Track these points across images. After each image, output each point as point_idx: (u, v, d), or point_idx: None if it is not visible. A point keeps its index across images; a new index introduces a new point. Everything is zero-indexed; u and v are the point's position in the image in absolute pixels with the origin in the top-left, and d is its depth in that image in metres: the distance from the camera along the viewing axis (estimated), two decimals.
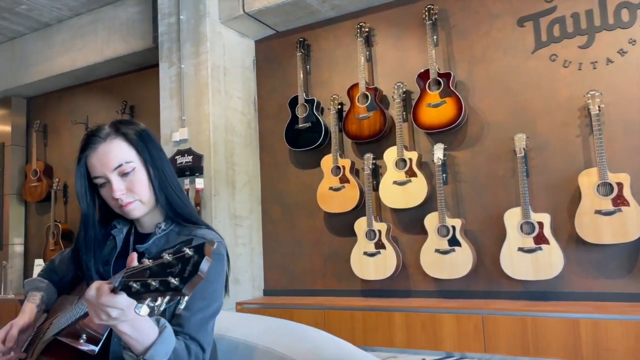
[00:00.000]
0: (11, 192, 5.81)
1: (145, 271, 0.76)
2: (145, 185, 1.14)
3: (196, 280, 0.71)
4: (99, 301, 0.80)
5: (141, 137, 1.17)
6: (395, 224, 3.83)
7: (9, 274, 5.66)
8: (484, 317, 3.17)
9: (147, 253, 1.12)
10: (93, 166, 1.13)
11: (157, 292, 0.73)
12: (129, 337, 0.88)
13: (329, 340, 1.10)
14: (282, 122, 4.26)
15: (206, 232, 1.15)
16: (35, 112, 5.97)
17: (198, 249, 0.73)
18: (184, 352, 0.97)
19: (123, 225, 1.21)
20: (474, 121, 3.65)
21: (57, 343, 0.97)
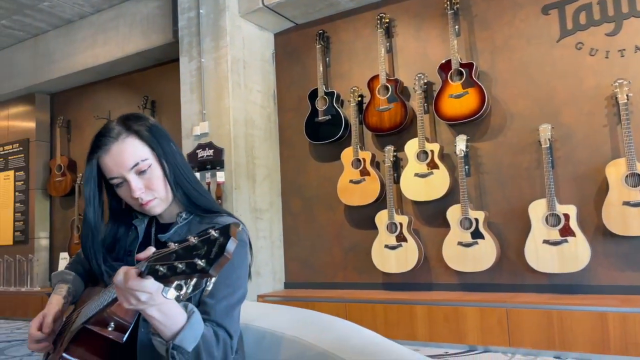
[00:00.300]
0: (36, 187, 5.92)
1: (171, 255, 0.76)
2: (162, 181, 1.13)
3: (222, 261, 0.70)
4: (127, 285, 0.80)
5: (152, 132, 1.15)
6: (417, 217, 3.80)
7: (35, 267, 5.77)
8: (508, 311, 3.12)
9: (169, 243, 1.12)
10: (108, 167, 1.10)
11: (184, 275, 0.73)
12: (157, 322, 0.88)
13: (354, 330, 1.09)
14: (302, 115, 4.25)
15: (228, 220, 1.14)
16: (58, 108, 6.06)
17: (223, 231, 0.73)
18: (213, 339, 0.97)
19: (144, 215, 1.21)
20: (497, 112, 3.59)
21: (86, 331, 0.98)
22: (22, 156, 6.04)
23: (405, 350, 0.93)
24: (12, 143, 6.14)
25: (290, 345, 1.06)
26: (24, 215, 5.96)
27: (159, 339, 0.91)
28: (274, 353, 1.08)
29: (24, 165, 6.02)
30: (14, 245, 6.00)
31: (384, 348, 0.94)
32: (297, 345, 1.04)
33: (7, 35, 5.66)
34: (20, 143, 6.07)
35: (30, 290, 5.62)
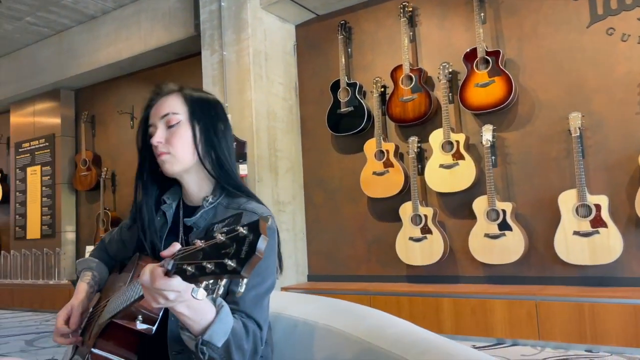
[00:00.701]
0: (62, 182, 6.01)
1: (197, 253, 0.73)
2: (184, 143, 1.12)
3: (254, 261, 0.67)
4: (154, 286, 0.78)
5: (200, 100, 1.16)
6: (442, 209, 3.74)
7: (62, 260, 5.87)
8: (538, 303, 3.06)
9: (195, 227, 1.10)
10: (151, 116, 1.16)
11: (214, 275, 0.70)
12: (186, 318, 0.86)
13: (389, 319, 1.06)
14: (324, 107, 4.22)
15: (256, 206, 1.11)
16: (83, 104, 6.13)
17: (252, 227, 0.69)
18: (242, 331, 0.95)
19: (172, 199, 1.19)
20: (524, 100, 3.50)
21: (114, 325, 0.97)
22: (48, 151, 6.14)
23: (442, 340, 0.90)
24: (39, 138, 6.25)
25: (323, 334, 1.03)
26: (51, 210, 6.06)
27: (187, 333, 0.89)
28: (306, 342, 1.06)
29: (50, 160, 6.12)
30: (41, 239, 6.11)
31: (420, 337, 0.91)
32: (330, 334, 1.02)
33: (32, 32, 5.74)
34: (46, 138, 6.17)
35: (58, 283, 5.72)
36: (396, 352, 0.85)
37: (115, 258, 1.30)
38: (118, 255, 1.28)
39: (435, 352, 0.82)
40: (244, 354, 0.93)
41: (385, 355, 0.87)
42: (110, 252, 1.31)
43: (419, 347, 0.85)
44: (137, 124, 5.59)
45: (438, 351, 0.82)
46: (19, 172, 6.48)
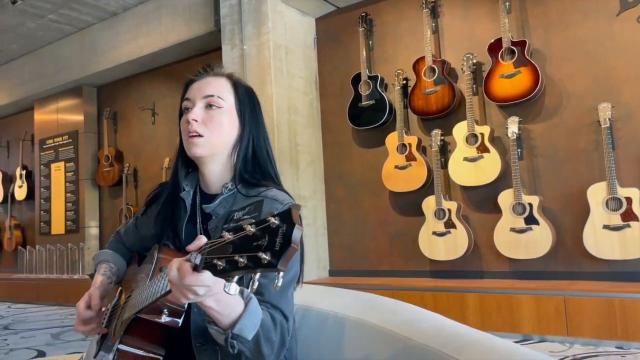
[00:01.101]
0: (85, 178, 6.08)
1: (227, 246, 0.69)
2: (221, 131, 1.08)
3: (290, 253, 0.63)
4: (184, 282, 0.75)
5: (248, 92, 1.14)
6: (466, 203, 3.68)
7: (85, 255, 5.95)
8: (566, 299, 2.98)
9: (213, 214, 1.07)
10: (191, 88, 1.11)
11: (247, 269, 0.66)
12: (215, 312, 0.83)
13: (422, 313, 1.02)
14: (344, 100, 4.18)
15: (277, 193, 1.06)
16: (105, 100, 6.19)
17: (285, 217, 0.65)
18: (270, 323, 0.92)
19: (190, 186, 1.15)
20: (551, 91, 3.42)
21: (139, 320, 0.95)
22: (72, 148, 6.21)
23: (480, 334, 0.87)
24: (62, 135, 6.33)
25: (356, 328, 1.01)
26: (75, 205, 6.13)
27: (216, 327, 0.87)
28: (338, 335, 1.03)
29: (73, 156, 6.19)
30: (65, 234, 6.20)
31: (458, 331, 0.87)
32: (363, 328, 0.99)
33: (55, 30, 5.80)
34: (69, 135, 6.25)
35: (82, 278, 5.80)
36: (434, 346, 0.82)
37: (132, 248, 1.27)
38: (135, 246, 1.26)
39: (475, 347, 0.79)
40: (273, 346, 0.91)
41: (422, 349, 0.84)
42: (126, 244, 1.28)
43: (457, 342, 0.81)
44: (158, 120, 5.63)
45: (478, 346, 0.79)
46: (43, 169, 6.58)
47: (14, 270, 6.92)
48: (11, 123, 7.35)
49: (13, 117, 7.33)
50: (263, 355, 0.89)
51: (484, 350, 0.78)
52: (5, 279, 6.61)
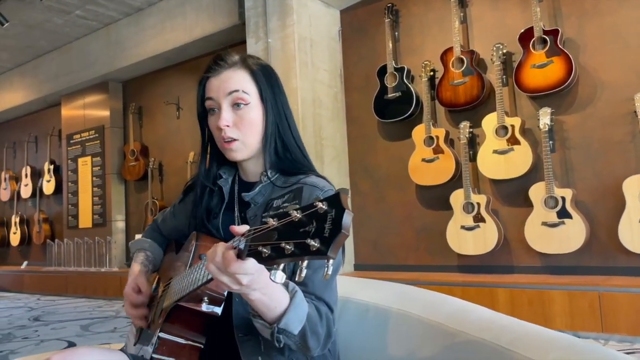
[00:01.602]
0: (112, 172, 6.16)
1: (271, 233, 0.66)
2: (254, 127, 1.04)
3: (341, 239, 0.60)
4: (228, 270, 0.72)
5: (266, 72, 1.08)
6: (495, 196, 3.61)
7: (112, 249, 6.03)
8: (601, 294, 2.90)
9: (252, 203, 1.05)
10: (210, 86, 1.06)
11: (294, 257, 0.63)
12: (260, 304, 0.81)
13: (467, 305, 0.99)
14: (369, 93, 4.13)
15: (316, 180, 1.04)
16: (130, 95, 6.25)
17: (333, 202, 0.62)
18: (316, 316, 0.89)
19: (228, 174, 1.13)
20: (585, 81, 3.32)
21: (180, 308, 0.93)
22: (98, 142, 6.29)
23: (532, 326, 0.83)
24: (89, 130, 6.42)
25: (399, 320, 0.98)
26: (102, 199, 6.22)
27: (261, 321, 0.84)
28: (380, 326, 1.00)
29: (100, 151, 6.27)
30: (93, 228, 6.29)
31: (509, 323, 0.83)
32: (407, 320, 0.96)
33: (81, 26, 5.87)
34: (96, 130, 6.33)
35: (109, 271, 5.88)
36: (487, 338, 0.78)
37: (169, 237, 1.26)
38: (172, 234, 1.25)
39: (530, 339, 0.75)
40: (319, 339, 0.88)
41: (473, 342, 0.80)
42: (164, 232, 1.27)
43: (510, 334, 0.78)
44: (183, 114, 5.66)
45: (533, 338, 0.75)
46: (70, 163, 6.68)
47: (42, 263, 7.06)
48: (39, 118, 7.49)
49: (41, 113, 7.46)
50: (309, 349, 0.87)
51: (540, 342, 0.74)
52: (34, 272, 6.75)
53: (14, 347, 3.48)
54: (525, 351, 0.73)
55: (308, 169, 1.09)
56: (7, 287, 7.01)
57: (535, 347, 0.73)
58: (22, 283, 6.83)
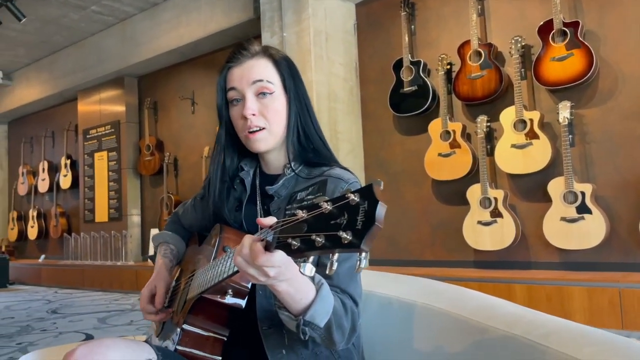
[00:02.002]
0: (128, 167, 6.20)
1: (301, 225, 0.65)
2: (279, 116, 1.02)
3: (374, 232, 0.58)
4: (256, 262, 0.71)
5: (288, 63, 1.06)
6: (513, 191, 3.56)
7: (128, 242, 6.08)
8: (622, 291, 2.85)
9: (276, 196, 1.04)
10: (232, 76, 1.04)
11: (325, 249, 0.62)
12: (286, 296, 0.80)
13: (494, 300, 0.97)
14: (385, 87, 4.10)
15: (341, 172, 1.02)
16: (145, 90, 6.28)
17: (366, 193, 0.60)
18: (341, 310, 0.88)
19: (249, 166, 1.12)
20: (606, 74, 3.26)
21: (204, 300, 0.93)
22: (114, 137, 6.34)
23: (563, 321, 0.81)
24: (105, 125, 6.47)
25: (423, 313, 0.96)
26: (117, 194, 6.27)
27: (286, 313, 0.83)
28: (404, 320, 0.99)
29: (115, 146, 6.32)
30: (109, 222, 6.35)
31: (538, 318, 0.81)
32: (432, 314, 0.94)
33: (97, 21, 5.91)
34: (111, 125, 6.38)
35: (125, 265, 5.94)
36: (517, 333, 0.77)
37: (191, 229, 1.26)
38: (193, 227, 1.24)
39: (562, 334, 0.73)
40: (344, 333, 0.87)
41: (503, 337, 0.79)
42: (185, 224, 1.27)
43: (542, 328, 0.76)
44: (197, 109, 5.68)
45: (565, 332, 0.73)
46: (87, 158, 6.74)
47: (60, 257, 7.15)
48: (56, 114, 7.57)
49: (58, 108, 7.54)
50: (334, 342, 0.86)
51: (574, 337, 0.72)
52: (52, 265, 6.84)
53: (33, 339, 3.52)
54: (559, 346, 0.71)
55: (331, 160, 1.08)
56: (25, 280, 7.12)
57: (568, 341, 0.71)
58: (39, 276, 6.93)
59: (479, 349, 0.84)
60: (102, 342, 0.82)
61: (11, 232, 7.96)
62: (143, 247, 6.19)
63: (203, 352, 0.94)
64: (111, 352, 0.81)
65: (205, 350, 0.94)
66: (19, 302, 5.49)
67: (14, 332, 3.84)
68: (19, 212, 7.93)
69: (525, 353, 0.75)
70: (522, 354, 0.75)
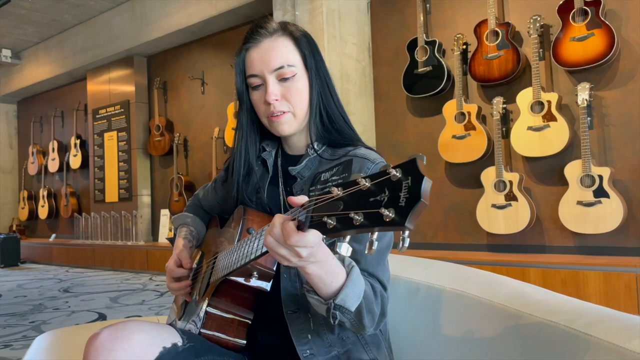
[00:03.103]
0: (137, 147, 6.19)
1: (336, 203, 0.61)
2: (303, 97, 0.99)
3: (420, 208, 0.54)
4: (288, 242, 0.68)
5: (308, 40, 1.01)
6: (528, 174, 3.51)
7: (139, 223, 6.09)
8: (638, 276, 2.82)
9: (299, 176, 1.01)
10: (252, 62, 0.99)
11: (363, 228, 0.58)
12: (317, 279, 0.77)
13: (526, 286, 0.94)
14: (398, 67, 4.03)
15: (366, 152, 0.99)
16: (155, 70, 6.23)
17: (409, 168, 0.56)
18: (371, 294, 0.86)
19: (272, 147, 1.09)
20: (627, 55, 3.17)
21: (228, 282, 0.90)
22: (124, 117, 6.32)
23: (606, 309, 0.77)
24: (114, 105, 6.44)
25: (453, 299, 0.93)
26: (128, 174, 6.27)
27: (316, 296, 0.80)
28: (432, 305, 0.96)
29: (125, 126, 6.30)
30: (119, 202, 6.36)
31: (580, 306, 0.78)
32: (462, 299, 0.91)
33: None
34: (121, 105, 6.35)
35: (135, 245, 5.96)
36: (559, 322, 0.73)
37: (211, 212, 1.24)
38: (214, 209, 1.22)
39: (608, 323, 0.70)
40: (374, 318, 0.85)
41: (543, 325, 0.76)
42: (205, 207, 1.25)
43: (584, 317, 0.72)
44: (207, 89, 5.63)
45: (610, 321, 0.70)
46: (96, 138, 6.73)
47: (70, 236, 7.20)
48: (65, 93, 7.54)
49: (67, 87, 7.51)
50: (364, 327, 0.83)
51: (619, 326, 0.69)
52: (63, 244, 6.89)
53: (46, 318, 3.55)
54: (605, 335, 0.68)
55: (355, 139, 1.04)
56: (36, 259, 7.18)
57: (614, 331, 0.68)
58: (50, 255, 6.99)
59: (515, 336, 0.81)
60: (126, 326, 0.80)
61: (22, 211, 8.01)
62: (153, 227, 6.20)
63: (227, 336, 0.92)
64: (136, 335, 0.78)
65: (229, 334, 0.92)
66: (31, 280, 5.54)
67: (27, 310, 3.87)
68: (29, 192, 7.97)
69: (566, 342, 0.72)
70: (562, 343, 0.72)
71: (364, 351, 0.92)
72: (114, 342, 0.77)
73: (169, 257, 3.99)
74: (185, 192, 5.60)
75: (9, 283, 5.40)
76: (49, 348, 1.50)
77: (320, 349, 0.90)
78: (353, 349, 0.92)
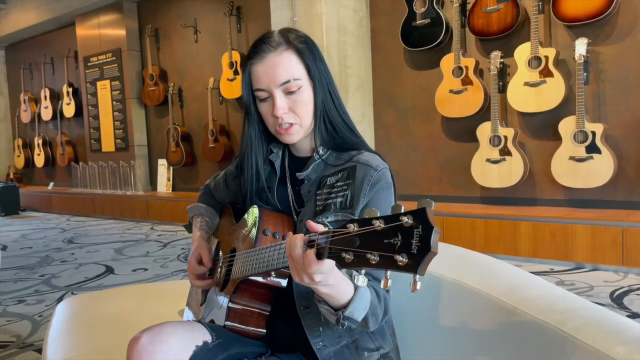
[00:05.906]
0: (132, 97, 6.13)
1: (353, 239, 0.68)
2: (308, 108, 1.04)
3: (430, 258, 0.60)
4: (307, 270, 0.76)
5: (310, 49, 1.05)
6: (523, 129, 3.57)
7: (136, 172, 6.15)
8: (625, 230, 2.95)
9: (306, 179, 1.07)
10: (258, 76, 1.03)
11: (379, 267, 0.65)
12: (327, 296, 0.84)
13: (527, 278, 1.00)
14: (396, 19, 3.98)
15: (369, 157, 1.04)
16: (146, 17, 6.07)
17: (419, 217, 0.61)
18: (375, 299, 0.94)
19: (278, 149, 1.14)
20: (626, 10, 3.15)
21: (246, 280, 0.99)
22: (116, 66, 6.21)
23: (599, 309, 0.85)
24: (106, 53, 6.31)
25: (453, 290, 1.02)
26: (123, 124, 6.26)
27: (326, 307, 0.89)
28: (431, 295, 1.05)
29: (118, 75, 6.21)
30: (116, 152, 6.39)
31: (573, 305, 0.85)
32: (462, 291, 0.99)
33: None
34: (113, 53, 6.22)
35: (135, 194, 6.05)
36: (549, 322, 0.81)
37: (223, 202, 1.31)
38: (225, 200, 1.29)
39: (595, 326, 0.77)
40: (377, 319, 0.94)
41: (534, 324, 0.84)
42: (217, 197, 1.32)
43: (576, 319, 0.78)
44: (200, 37, 5.52)
45: (599, 325, 0.77)
46: (89, 87, 6.65)
47: (68, 184, 7.27)
48: (53, 39, 7.36)
49: (55, 33, 7.31)
50: (368, 327, 0.93)
51: (609, 332, 0.77)
52: (62, 193, 6.97)
53: (55, 271, 3.69)
54: (592, 341, 0.75)
55: (358, 143, 1.09)
56: (36, 207, 7.28)
57: (601, 337, 0.74)
58: (50, 203, 7.09)
59: (507, 332, 0.90)
60: (163, 329, 0.89)
61: (17, 159, 8.02)
62: (151, 177, 6.27)
63: (249, 327, 1.02)
64: (172, 338, 0.88)
65: (251, 325, 1.02)
66: (34, 230, 5.66)
67: (35, 263, 4.01)
68: (24, 140, 7.95)
69: (555, 343, 0.80)
70: (552, 344, 0.81)
71: (370, 340, 1.02)
72: (153, 346, 0.86)
73: (169, 207, 4.23)
74: (182, 142, 5.63)
75: (12, 233, 5.52)
76: (72, 318, 1.59)
77: (331, 340, 0.99)
78: (360, 338, 1.01)
